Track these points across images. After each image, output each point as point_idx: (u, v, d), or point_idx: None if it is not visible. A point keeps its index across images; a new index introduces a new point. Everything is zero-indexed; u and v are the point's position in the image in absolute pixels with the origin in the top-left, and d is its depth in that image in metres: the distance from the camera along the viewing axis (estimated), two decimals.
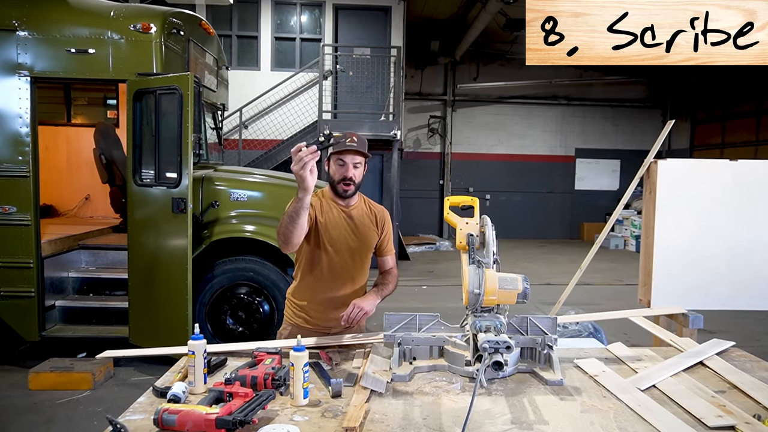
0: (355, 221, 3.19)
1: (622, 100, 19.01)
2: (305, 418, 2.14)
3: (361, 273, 3.27)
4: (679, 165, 3.77)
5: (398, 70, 12.92)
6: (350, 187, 3.11)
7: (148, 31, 5.80)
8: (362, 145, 3.07)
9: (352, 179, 3.09)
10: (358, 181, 3.12)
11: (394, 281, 3.33)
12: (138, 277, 5.89)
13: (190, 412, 1.97)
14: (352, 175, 3.08)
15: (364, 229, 3.21)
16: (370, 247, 3.26)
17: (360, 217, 3.21)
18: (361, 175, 3.14)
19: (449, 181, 18.32)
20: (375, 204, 3.36)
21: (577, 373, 2.66)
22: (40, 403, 5.27)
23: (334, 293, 3.19)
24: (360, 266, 3.25)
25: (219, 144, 8.06)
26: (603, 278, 11.91)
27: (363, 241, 3.20)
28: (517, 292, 2.45)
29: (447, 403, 2.30)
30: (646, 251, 3.83)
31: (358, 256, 3.21)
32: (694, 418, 2.19)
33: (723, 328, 6.09)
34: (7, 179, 5.81)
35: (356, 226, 3.19)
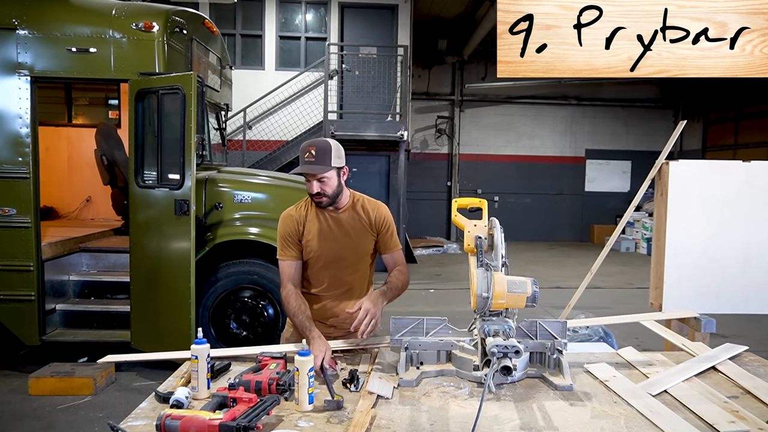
0: (345, 227, 3.10)
1: (632, 100, 18.95)
2: (310, 424, 2.14)
3: (360, 281, 3.19)
4: (692, 166, 3.74)
5: (405, 69, 12.91)
6: (323, 200, 3.02)
7: (151, 29, 5.76)
8: (321, 159, 2.94)
9: (320, 193, 2.99)
10: (330, 192, 3.00)
11: (402, 280, 3.16)
12: (140, 280, 5.85)
13: (193, 418, 1.97)
14: (318, 190, 2.98)
15: (355, 233, 3.11)
16: (365, 251, 3.16)
17: (350, 221, 3.12)
18: (333, 186, 3.00)
19: (457, 182, 18.31)
20: (370, 201, 3.22)
21: (587, 378, 2.66)
22: (40, 408, 5.24)
23: (332, 304, 3.14)
24: (356, 274, 3.16)
25: (222, 145, 8.05)
26: (614, 281, 11.86)
27: (355, 247, 3.11)
28: (526, 296, 2.42)
29: (455, 408, 2.30)
30: (657, 254, 3.81)
31: (352, 264, 3.13)
32: (706, 424, 2.17)
33: (736, 333, 6.04)
34: (6, 181, 5.78)
35: (347, 232, 3.10)
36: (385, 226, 3.16)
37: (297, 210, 3.15)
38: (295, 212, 3.14)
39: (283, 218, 3.14)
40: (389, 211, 3.23)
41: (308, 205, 3.14)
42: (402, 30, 13.63)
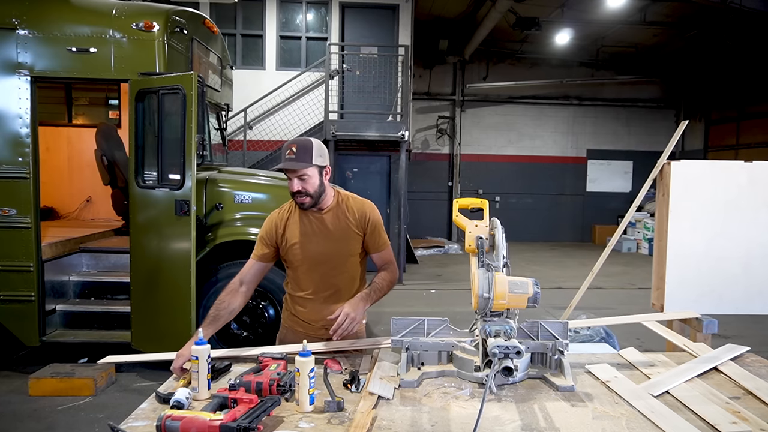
0: (329, 227, 3.06)
1: (634, 100, 18.96)
2: (311, 425, 2.14)
3: (347, 282, 3.13)
4: (693, 166, 3.75)
5: (406, 69, 12.86)
6: (305, 200, 2.97)
7: (151, 29, 5.75)
8: (302, 156, 2.91)
9: (301, 192, 2.95)
10: (311, 191, 2.96)
11: (388, 279, 3.11)
12: (140, 280, 5.84)
13: (194, 419, 1.96)
14: (299, 188, 2.94)
15: (340, 234, 3.06)
16: (352, 251, 3.10)
17: (334, 221, 3.07)
18: (314, 185, 2.96)
19: (458, 182, 18.29)
20: (356, 199, 3.16)
21: (588, 379, 2.64)
22: (40, 409, 5.23)
23: (321, 307, 3.09)
24: (343, 275, 3.11)
25: (223, 145, 8.04)
26: (615, 282, 11.85)
27: (340, 248, 3.07)
28: (528, 296, 2.41)
29: (456, 409, 2.29)
30: (659, 254, 3.81)
31: (338, 266, 3.08)
32: (708, 425, 2.16)
33: (738, 333, 6.04)
34: (6, 181, 5.77)
35: (330, 233, 3.06)
36: (371, 226, 3.10)
37: (280, 213, 3.14)
38: (277, 215, 3.13)
39: (266, 219, 3.15)
40: (376, 209, 3.17)
41: (292, 208, 3.12)
42: (403, 30, 13.60)
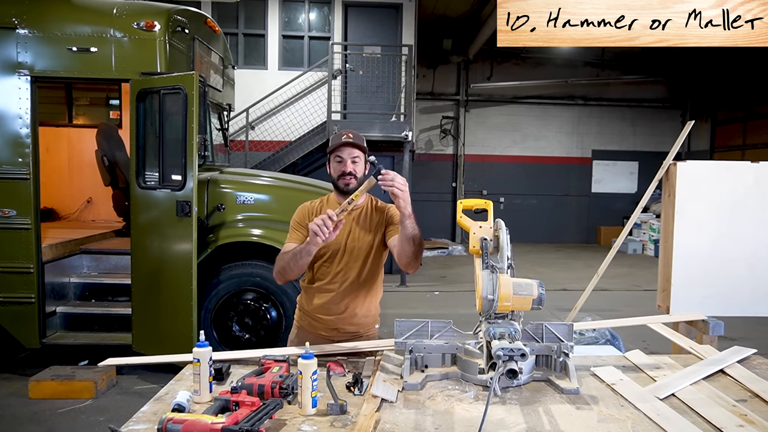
0: (359, 221, 3.13)
1: (640, 100, 18.89)
2: (314, 428, 2.13)
3: (368, 277, 3.14)
4: (699, 167, 3.72)
5: (410, 69, 12.86)
6: (351, 181, 3.04)
7: (152, 29, 5.74)
8: (358, 139, 3.05)
9: (352, 173, 3.03)
10: (359, 174, 3.05)
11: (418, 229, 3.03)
12: (141, 282, 5.82)
13: (195, 422, 1.95)
14: (351, 169, 3.03)
15: (366, 228, 3.13)
16: (374, 246, 3.13)
17: (363, 216, 3.15)
18: (361, 170, 3.07)
19: (462, 183, 18.24)
20: (381, 202, 3.27)
21: (593, 382, 2.64)
22: (40, 412, 5.21)
23: (338, 298, 3.11)
24: (364, 269, 3.12)
25: (225, 145, 8.04)
26: (620, 284, 11.80)
27: (365, 240, 3.11)
28: (532, 298, 2.40)
29: (460, 412, 2.28)
30: (665, 256, 3.79)
31: (361, 257, 3.10)
32: (714, 428, 2.16)
33: (744, 335, 6.03)
34: (6, 182, 5.75)
35: (358, 226, 3.12)
36: (390, 212, 3.17)
37: (312, 204, 3.22)
38: (309, 204, 3.22)
39: (298, 208, 3.21)
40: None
41: (324, 202, 3.19)
42: (406, 29, 13.61)
